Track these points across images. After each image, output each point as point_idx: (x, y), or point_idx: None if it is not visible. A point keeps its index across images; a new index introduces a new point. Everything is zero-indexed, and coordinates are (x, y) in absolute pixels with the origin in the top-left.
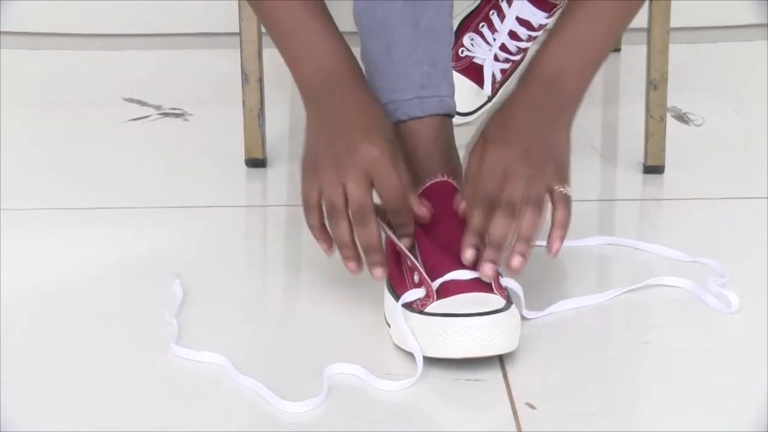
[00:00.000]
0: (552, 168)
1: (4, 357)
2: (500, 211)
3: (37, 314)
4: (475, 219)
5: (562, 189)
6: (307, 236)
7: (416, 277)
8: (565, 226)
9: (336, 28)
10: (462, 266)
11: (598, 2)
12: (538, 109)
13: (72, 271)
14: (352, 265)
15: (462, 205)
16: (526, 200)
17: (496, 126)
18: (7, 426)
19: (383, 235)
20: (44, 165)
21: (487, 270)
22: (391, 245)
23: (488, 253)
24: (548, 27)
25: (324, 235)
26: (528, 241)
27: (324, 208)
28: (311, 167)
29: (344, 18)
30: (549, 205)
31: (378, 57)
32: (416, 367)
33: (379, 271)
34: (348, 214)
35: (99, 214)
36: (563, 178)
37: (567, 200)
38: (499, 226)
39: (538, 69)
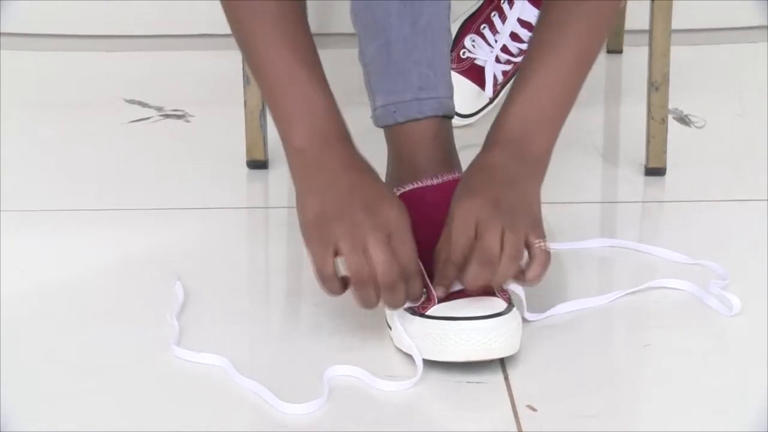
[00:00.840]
0: (526, 219)
1: (5, 357)
2: (474, 260)
3: (38, 315)
4: (449, 273)
5: (541, 244)
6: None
7: None
8: (535, 283)
9: (326, 83)
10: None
11: (555, 53)
12: (506, 169)
13: (73, 272)
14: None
15: (438, 267)
16: (502, 248)
17: (462, 189)
18: (7, 426)
19: None
20: (45, 166)
21: None
22: None
23: None
24: None
25: (344, 292)
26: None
27: (345, 273)
28: (322, 235)
29: (342, 19)
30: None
31: (376, 57)
32: (417, 369)
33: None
34: (375, 281)
35: (100, 215)
36: (540, 232)
37: (546, 258)
38: (472, 275)
39: (502, 133)
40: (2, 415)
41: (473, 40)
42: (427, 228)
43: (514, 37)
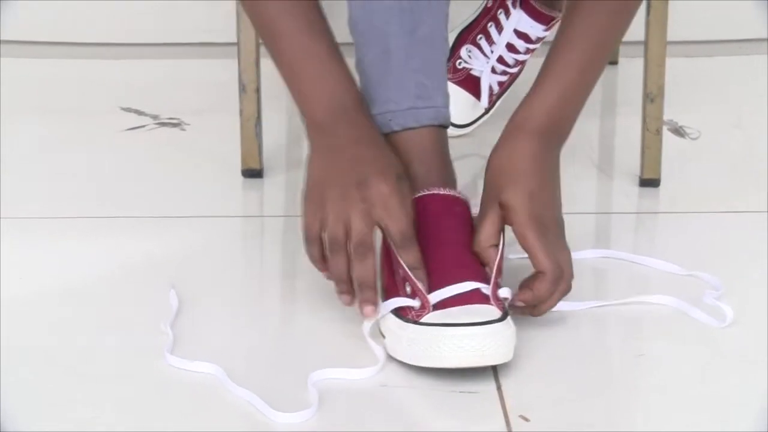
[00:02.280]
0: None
1: (3, 363)
2: (558, 289)
3: (32, 322)
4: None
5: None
6: (302, 246)
7: (408, 288)
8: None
9: (341, 56)
10: (459, 279)
11: (579, 45)
12: (548, 164)
13: (66, 279)
14: (346, 298)
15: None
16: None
17: (517, 187)
18: (6, 426)
19: (377, 245)
20: (40, 173)
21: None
22: (386, 254)
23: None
24: (546, 40)
25: (324, 265)
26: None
27: (326, 240)
28: (315, 198)
29: (340, 27)
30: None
31: (374, 65)
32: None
33: (370, 310)
34: (347, 249)
35: (95, 222)
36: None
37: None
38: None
39: (541, 120)
40: (1, 418)
41: (469, 51)
42: (424, 236)
43: (511, 48)
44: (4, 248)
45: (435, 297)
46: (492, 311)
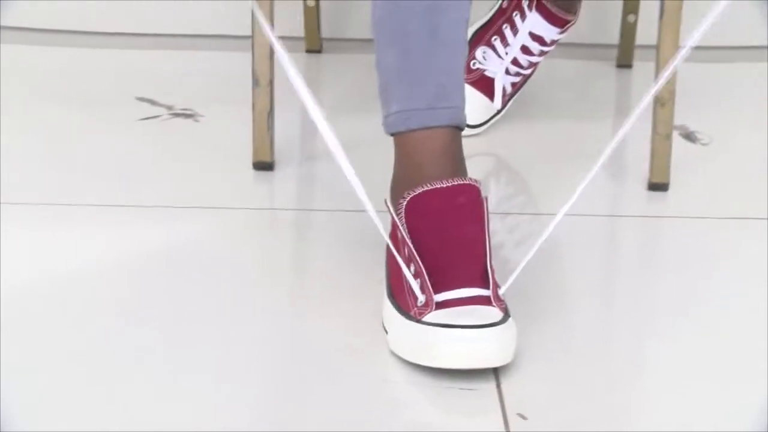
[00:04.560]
0: None
1: (5, 354)
2: None
3: (42, 309)
4: None
5: None
6: (311, 240)
7: (417, 281)
8: None
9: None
10: (465, 284)
11: None
12: None
13: (75, 268)
14: None
15: None
16: None
17: None
18: (6, 426)
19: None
20: (53, 161)
21: None
22: (397, 250)
23: None
24: (560, 41)
25: None
26: None
27: None
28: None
29: (357, 25)
30: None
31: (394, 64)
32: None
33: None
34: None
35: (105, 211)
36: None
37: None
38: None
39: None
40: (2, 415)
41: (484, 52)
42: (434, 232)
43: (525, 50)
44: (12, 235)
45: (440, 298)
46: (493, 313)
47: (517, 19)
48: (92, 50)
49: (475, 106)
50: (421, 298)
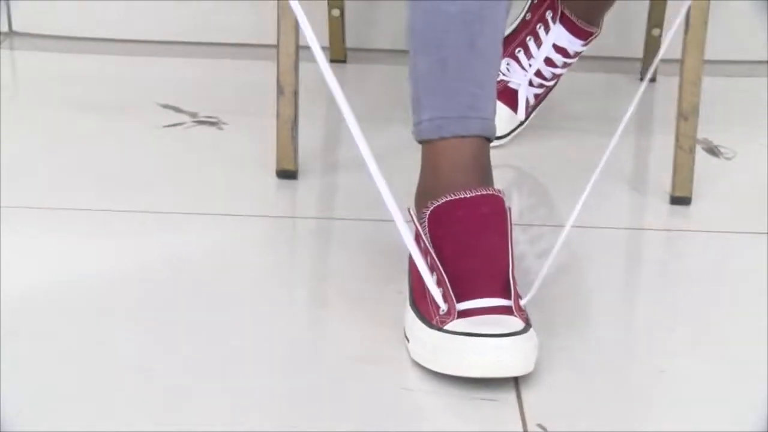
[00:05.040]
0: None
1: (9, 357)
2: None
3: (56, 312)
4: None
5: None
6: (333, 249)
7: (440, 290)
8: None
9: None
10: (487, 294)
11: None
12: None
13: (96, 272)
14: None
15: None
16: None
17: None
18: (6, 426)
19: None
20: (76, 167)
21: None
22: (421, 255)
23: None
24: (583, 54)
25: None
26: None
27: None
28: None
29: (384, 35)
30: None
31: (429, 72)
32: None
33: None
34: None
35: (128, 217)
36: None
37: None
38: None
39: None
40: (2, 415)
41: (508, 64)
42: (457, 241)
43: (548, 62)
44: (30, 239)
45: (462, 307)
46: (515, 323)
47: (541, 31)
48: (118, 57)
49: (499, 117)
50: (444, 306)
